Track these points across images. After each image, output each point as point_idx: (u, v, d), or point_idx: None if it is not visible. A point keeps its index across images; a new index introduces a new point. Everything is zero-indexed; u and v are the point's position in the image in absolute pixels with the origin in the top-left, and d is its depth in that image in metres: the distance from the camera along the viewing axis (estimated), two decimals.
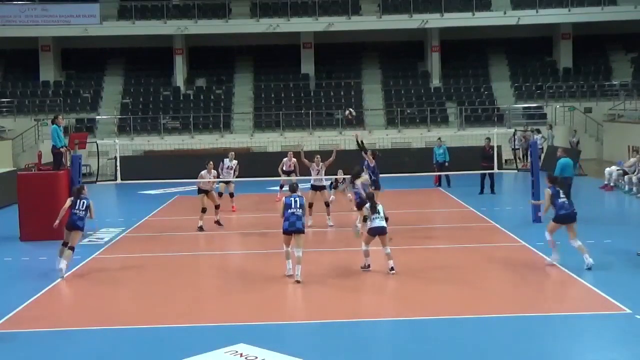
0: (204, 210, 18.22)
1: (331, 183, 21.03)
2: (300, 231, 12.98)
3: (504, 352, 9.36)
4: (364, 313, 11.11)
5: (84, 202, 14.07)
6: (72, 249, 13.85)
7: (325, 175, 19.50)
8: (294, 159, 21.87)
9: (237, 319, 10.98)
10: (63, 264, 13.60)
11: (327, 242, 17.21)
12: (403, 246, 15.28)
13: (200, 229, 18.01)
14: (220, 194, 20.25)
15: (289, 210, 13.02)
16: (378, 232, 13.22)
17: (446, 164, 25.52)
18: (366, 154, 18.17)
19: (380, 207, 13.38)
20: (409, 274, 13.37)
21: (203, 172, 18.23)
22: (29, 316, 11.34)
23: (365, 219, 13.87)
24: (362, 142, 18.64)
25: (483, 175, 23.66)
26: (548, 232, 13.50)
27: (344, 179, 20.12)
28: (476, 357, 9.23)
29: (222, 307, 11.72)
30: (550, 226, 13.52)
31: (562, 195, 13.34)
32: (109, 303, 12.15)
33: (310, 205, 18.36)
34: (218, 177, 19.40)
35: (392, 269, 13.18)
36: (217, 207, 18.60)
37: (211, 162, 18.61)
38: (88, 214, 14.18)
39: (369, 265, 13.55)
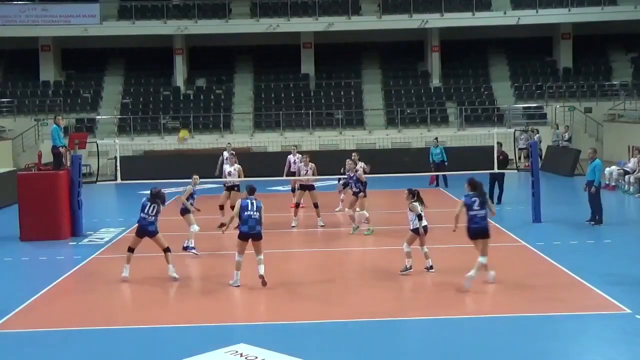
0: (221, 207, 18.24)
1: (339, 180, 20.84)
2: (259, 237, 12.46)
3: (504, 352, 9.36)
4: (364, 313, 11.10)
5: (154, 207, 13.54)
6: (167, 250, 13.41)
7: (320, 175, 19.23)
8: (299, 155, 21.00)
9: (237, 319, 10.98)
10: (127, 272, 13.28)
11: (327, 242, 17.18)
12: (403, 246, 15.26)
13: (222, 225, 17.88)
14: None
15: (246, 213, 12.40)
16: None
17: (445, 163, 25.47)
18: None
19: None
20: (409, 274, 13.36)
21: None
22: (29, 316, 11.35)
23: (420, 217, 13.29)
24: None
25: (492, 184, 21.44)
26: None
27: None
28: (476, 357, 9.23)
29: (222, 307, 11.72)
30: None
31: (476, 207, 12.34)
32: (109, 303, 12.16)
33: (297, 206, 18.29)
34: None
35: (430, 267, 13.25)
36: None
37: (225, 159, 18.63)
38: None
39: (410, 267, 13.19)
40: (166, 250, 13.29)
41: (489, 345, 9.59)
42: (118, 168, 20.92)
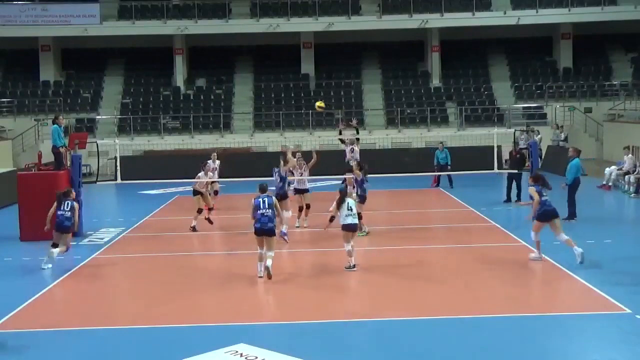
0: (199, 211, 18.28)
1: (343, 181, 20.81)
2: (272, 233, 12.83)
3: (504, 352, 9.35)
4: (364, 313, 11.10)
5: (68, 203, 14.66)
6: (67, 249, 14.57)
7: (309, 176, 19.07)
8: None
9: (237, 319, 10.98)
10: (49, 265, 14.36)
11: (327, 242, 17.18)
12: (403, 246, 15.28)
13: (193, 229, 18.00)
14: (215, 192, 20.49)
15: (259, 212, 12.82)
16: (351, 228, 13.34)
17: (448, 167, 25.31)
18: (344, 143, 18.03)
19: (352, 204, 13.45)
20: (409, 274, 13.37)
21: (200, 174, 18.29)
22: (29, 316, 11.35)
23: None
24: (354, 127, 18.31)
25: (510, 182, 21.90)
26: (534, 233, 13.84)
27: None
28: (476, 357, 9.23)
29: (222, 307, 11.72)
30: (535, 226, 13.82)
31: (545, 194, 13.69)
32: (109, 303, 12.15)
33: (301, 209, 18.27)
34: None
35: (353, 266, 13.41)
36: (210, 209, 18.97)
37: (209, 161, 18.69)
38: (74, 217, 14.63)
39: (354, 265, 13.48)
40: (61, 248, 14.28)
41: (489, 345, 9.58)
42: (118, 168, 20.95)
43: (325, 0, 37.21)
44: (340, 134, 18.43)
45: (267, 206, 12.82)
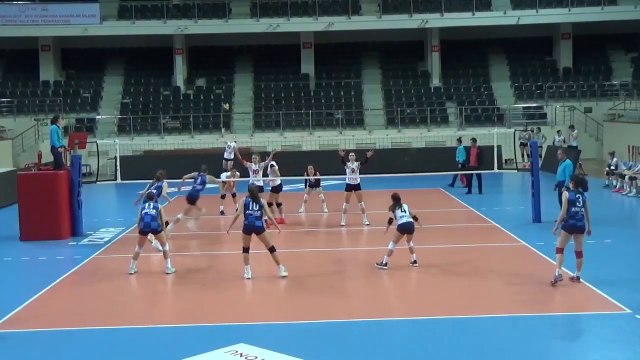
0: (223, 196, 20.34)
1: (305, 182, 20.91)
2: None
3: (504, 352, 9.35)
4: (364, 313, 11.10)
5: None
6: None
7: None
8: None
9: (237, 319, 10.98)
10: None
11: (326, 242, 17.20)
12: (403, 246, 15.26)
13: (222, 213, 20.06)
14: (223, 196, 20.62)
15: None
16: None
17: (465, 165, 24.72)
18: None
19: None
20: (409, 274, 13.38)
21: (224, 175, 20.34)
22: (29, 316, 11.35)
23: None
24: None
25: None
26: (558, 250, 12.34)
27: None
28: (476, 357, 9.23)
29: (222, 307, 11.72)
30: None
31: (579, 204, 12.16)
32: (109, 303, 12.15)
33: (270, 205, 18.25)
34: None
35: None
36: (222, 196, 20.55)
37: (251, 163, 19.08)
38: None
39: (386, 264, 13.67)
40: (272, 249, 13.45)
41: (489, 345, 9.59)
42: (118, 168, 20.94)
43: (325, 0, 37.22)
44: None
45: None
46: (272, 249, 13.19)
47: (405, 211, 13.75)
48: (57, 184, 17.65)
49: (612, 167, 24.33)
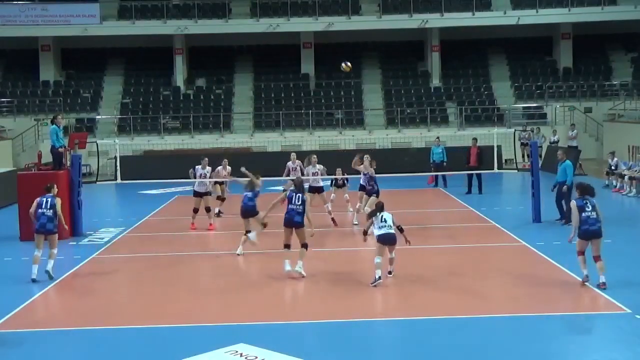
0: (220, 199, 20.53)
1: (331, 181, 20.91)
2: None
3: (504, 352, 9.35)
4: (364, 313, 11.10)
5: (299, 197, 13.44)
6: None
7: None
8: (298, 161, 20.52)
9: (237, 319, 10.97)
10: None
11: (327, 243, 17.18)
12: (402, 246, 15.26)
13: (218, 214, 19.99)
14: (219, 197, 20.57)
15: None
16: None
17: (444, 164, 25.42)
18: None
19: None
20: (409, 274, 13.36)
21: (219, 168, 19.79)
22: (28, 316, 11.34)
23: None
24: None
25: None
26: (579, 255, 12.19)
27: (345, 179, 20.13)
28: (476, 357, 9.23)
29: (222, 307, 11.71)
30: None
31: (588, 208, 11.99)
32: (109, 303, 12.14)
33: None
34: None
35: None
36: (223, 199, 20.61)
37: (206, 159, 18.82)
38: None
39: (379, 277, 12.61)
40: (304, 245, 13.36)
41: (489, 345, 9.58)
42: (118, 168, 20.94)
43: (325, 0, 37.22)
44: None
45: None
46: (304, 245, 13.22)
47: (385, 221, 12.57)
48: (57, 184, 17.56)
49: (612, 167, 24.35)
